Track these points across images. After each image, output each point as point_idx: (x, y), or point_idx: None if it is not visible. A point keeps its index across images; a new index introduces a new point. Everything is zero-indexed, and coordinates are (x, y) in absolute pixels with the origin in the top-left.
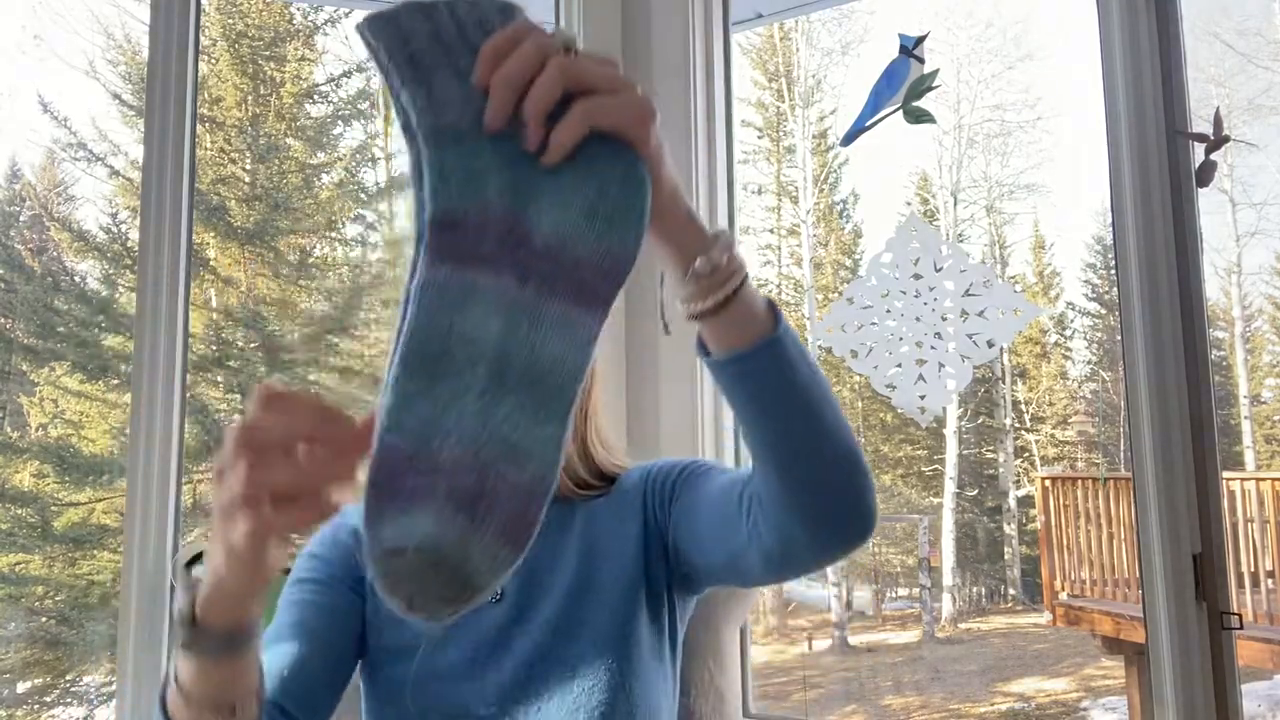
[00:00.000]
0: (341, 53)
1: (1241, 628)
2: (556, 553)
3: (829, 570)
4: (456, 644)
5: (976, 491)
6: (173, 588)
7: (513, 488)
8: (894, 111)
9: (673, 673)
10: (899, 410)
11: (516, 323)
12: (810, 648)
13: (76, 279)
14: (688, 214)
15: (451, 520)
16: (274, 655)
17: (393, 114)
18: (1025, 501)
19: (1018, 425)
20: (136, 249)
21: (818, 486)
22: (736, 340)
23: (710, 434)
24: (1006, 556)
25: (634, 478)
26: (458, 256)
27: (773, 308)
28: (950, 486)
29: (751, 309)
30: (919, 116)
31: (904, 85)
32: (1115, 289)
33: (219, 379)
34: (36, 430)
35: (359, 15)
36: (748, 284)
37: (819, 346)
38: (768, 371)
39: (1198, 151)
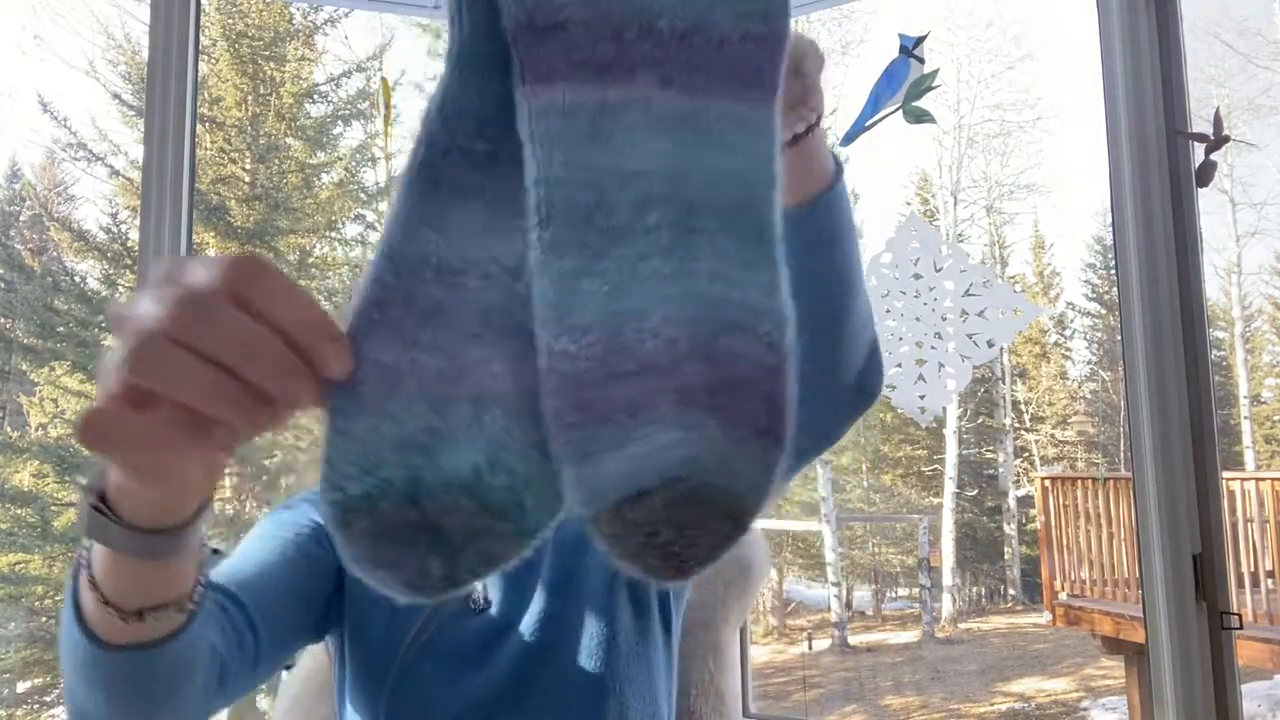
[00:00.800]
0: (341, 53)
1: (1241, 628)
2: (537, 552)
3: (829, 570)
4: (436, 656)
5: (976, 491)
6: None
7: (753, 365)
8: (894, 111)
9: (668, 659)
10: (899, 410)
11: (681, 139)
12: (810, 648)
13: (76, 279)
14: None
15: (698, 429)
16: (240, 560)
17: (393, 114)
18: (1025, 501)
19: (1018, 425)
20: (136, 249)
21: (848, 351)
22: (807, 181)
23: None
24: (1006, 556)
25: None
26: (570, 70)
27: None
28: (950, 486)
29: (824, 142)
30: (919, 116)
31: (904, 85)
32: (1115, 289)
33: None
34: (36, 430)
35: (359, 15)
36: None
37: None
38: (834, 217)
39: (1198, 151)
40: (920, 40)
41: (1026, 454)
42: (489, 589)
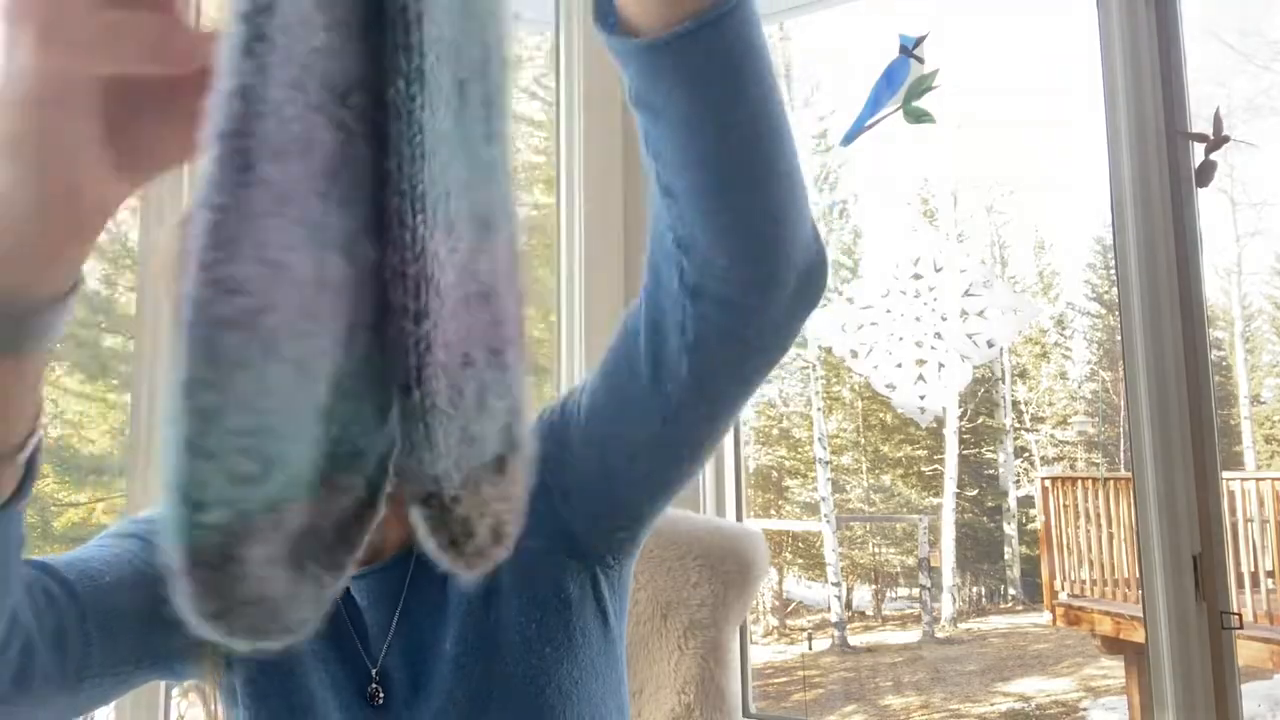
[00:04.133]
0: None
1: (1241, 628)
2: (438, 620)
3: (829, 570)
4: None
5: (976, 491)
6: None
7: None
8: (894, 111)
9: (608, 653)
10: (899, 410)
11: None
12: (810, 648)
13: None
14: None
15: None
16: (71, 554)
17: None
18: (1025, 501)
19: (1018, 425)
20: (136, 249)
21: (767, 212)
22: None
23: None
24: (1006, 556)
25: None
26: None
27: None
28: (950, 486)
29: None
30: (919, 116)
31: (904, 85)
32: (1115, 289)
33: None
34: None
35: None
36: None
37: (819, 347)
38: (735, 46)
39: (1198, 151)
40: (920, 40)
41: (1026, 454)
42: (386, 676)
